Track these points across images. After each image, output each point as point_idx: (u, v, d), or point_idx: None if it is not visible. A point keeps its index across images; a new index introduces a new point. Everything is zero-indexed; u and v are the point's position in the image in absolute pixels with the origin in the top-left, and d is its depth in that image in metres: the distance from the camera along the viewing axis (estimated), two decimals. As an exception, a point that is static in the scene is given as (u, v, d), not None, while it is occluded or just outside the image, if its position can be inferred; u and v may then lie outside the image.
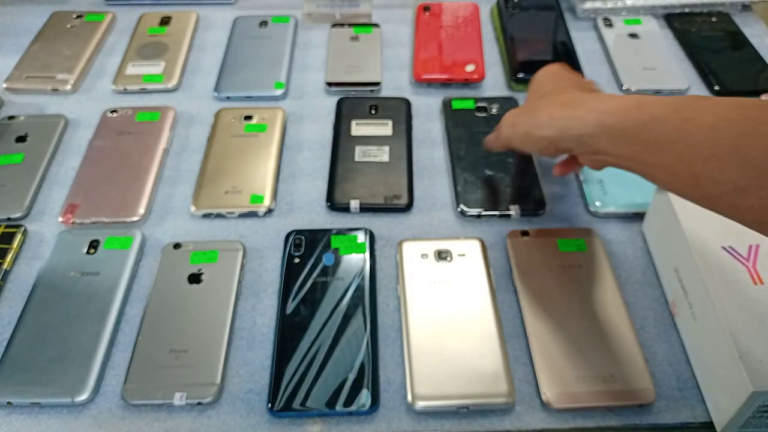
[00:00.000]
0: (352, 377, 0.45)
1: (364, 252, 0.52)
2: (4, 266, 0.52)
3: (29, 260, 0.54)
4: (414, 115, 0.65)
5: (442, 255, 0.51)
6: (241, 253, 0.52)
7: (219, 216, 0.57)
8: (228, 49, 0.73)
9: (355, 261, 0.52)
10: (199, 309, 0.49)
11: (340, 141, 0.62)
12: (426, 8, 0.77)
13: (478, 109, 0.65)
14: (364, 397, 0.44)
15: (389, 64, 0.72)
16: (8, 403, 0.44)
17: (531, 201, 0.56)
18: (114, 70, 0.71)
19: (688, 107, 0.34)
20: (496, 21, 0.77)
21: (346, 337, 0.47)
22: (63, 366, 0.46)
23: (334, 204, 0.57)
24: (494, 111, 0.64)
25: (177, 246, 0.53)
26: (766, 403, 0.39)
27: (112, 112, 0.65)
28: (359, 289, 0.50)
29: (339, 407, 0.43)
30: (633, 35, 0.74)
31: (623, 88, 0.68)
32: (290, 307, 0.49)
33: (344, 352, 0.46)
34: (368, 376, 0.45)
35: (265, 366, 0.47)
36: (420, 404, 0.43)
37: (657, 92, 0.67)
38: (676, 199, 0.48)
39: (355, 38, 0.74)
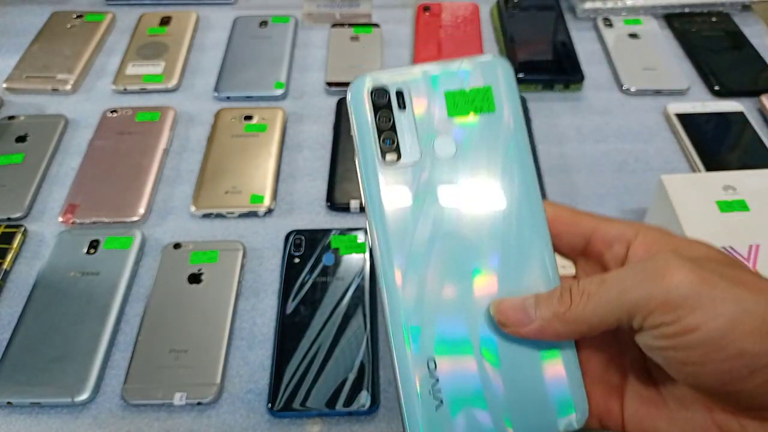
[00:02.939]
0: (352, 377, 0.45)
1: (364, 252, 0.52)
2: (4, 266, 0.52)
3: (29, 260, 0.54)
4: (414, 115, 0.65)
5: (442, 255, 0.51)
6: (241, 253, 0.52)
7: (219, 216, 0.57)
8: (228, 49, 0.73)
9: (355, 261, 0.52)
10: (199, 309, 0.49)
11: (340, 141, 0.62)
12: (426, 8, 0.77)
13: None
14: (364, 397, 0.44)
15: (389, 64, 0.72)
16: (8, 403, 0.44)
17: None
18: (114, 70, 0.71)
19: None
20: (496, 21, 0.77)
21: (346, 337, 0.47)
22: (63, 366, 0.46)
23: (334, 204, 0.57)
24: None
25: (177, 246, 0.53)
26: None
27: (112, 112, 0.65)
28: (359, 289, 0.50)
29: (339, 407, 0.43)
30: (633, 35, 0.74)
31: (623, 88, 0.68)
32: (290, 307, 0.49)
33: (344, 352, 0.46)
34: (368, 376, 0.45)
35: (265, 366, 0.47)
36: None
37: (657, 92, 0.67)
38: (676, 199, 0.48)
39: (355, 38, 0.74)
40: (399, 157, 0.27)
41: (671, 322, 0.23)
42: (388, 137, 0.27)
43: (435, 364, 0.25)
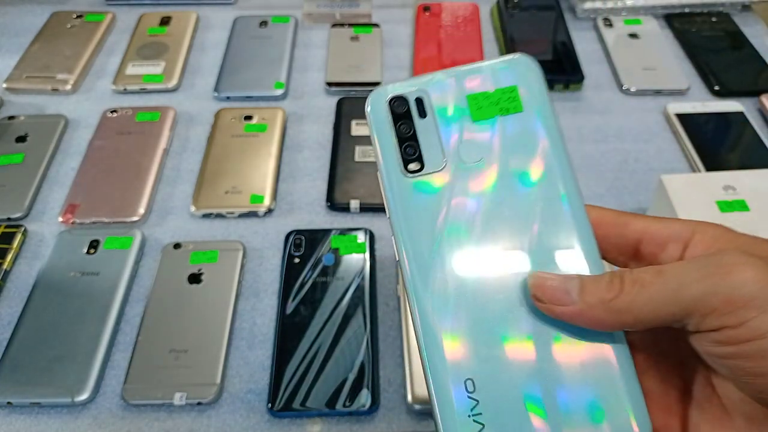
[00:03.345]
0: (352, 377, 0.45)
1: (364, 252, 0.52)
2: (4, 266, 0.52)
3: (29, 260, 0.54)
4: (414, 115, 0.65)
5: (442, 255, 0.51)
6: (241, 253, 0.52)
7: (219, 216, 0.57)
8: (228, 49, 0.73)
9: (355, 261, 0.52)
10: (199, 309, 0.49)
11: (340, 141, 0.62)
12: (426, 8, 0.77)
13: None
14: (364, 397, 0.44)
15: (389, 64, 0.72)
16: (8, 403, 0.44)
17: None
18: (114, 70, 0.71)
19: None
20: (496, 21, 0.77)
21: (346, 337, 0.47)
22: (63, 366, 0.46)
23: (334, 204, 0.57)
24: None
25: (177, 246, 0.53)
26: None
27: (112, 112, 0.65)
28: (359, 289, 0.50)
29: (339, 407, 0.43)
30: (633, 35, 0.74)
31: (623, 88, 0.68)
32: (290, 307, 0.49)
33: (344, 352, 0.46)
34: (368, 376, 0.45)
35: (265, 366, 0.47)
36: (420, 404, 0.43)
37: (657, 92, 0.67)
38: (676, 199, 0.48)
39: (355, 38, 0.74)
40: (422, 166, 0.25)
41: (736, 325, 0.20)
42: (409, 146, 0.26)
43: (474, 385, 0.23)
